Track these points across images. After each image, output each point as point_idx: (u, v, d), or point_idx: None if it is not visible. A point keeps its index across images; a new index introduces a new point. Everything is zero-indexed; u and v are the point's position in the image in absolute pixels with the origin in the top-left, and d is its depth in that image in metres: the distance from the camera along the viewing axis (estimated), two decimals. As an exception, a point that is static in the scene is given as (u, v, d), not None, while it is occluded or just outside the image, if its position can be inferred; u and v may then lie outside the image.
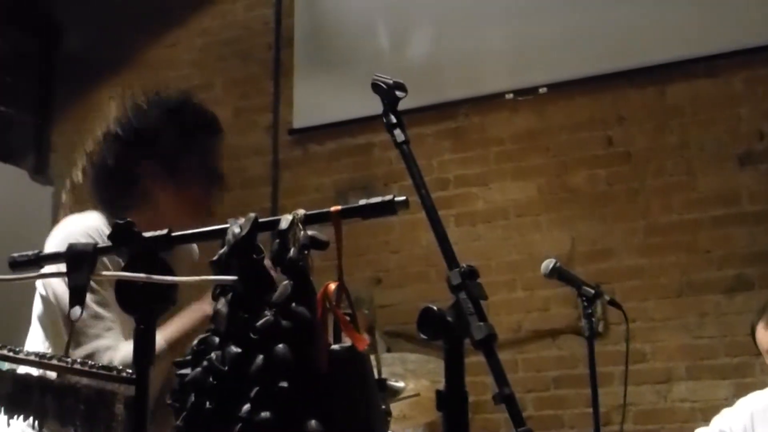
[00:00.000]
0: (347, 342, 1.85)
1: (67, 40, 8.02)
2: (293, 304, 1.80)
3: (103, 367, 1.91)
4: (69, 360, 1.89)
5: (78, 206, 2.88)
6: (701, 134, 5.88)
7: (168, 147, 2.74)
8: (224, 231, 1.92)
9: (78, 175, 2.87)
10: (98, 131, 2.86)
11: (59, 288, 2.68)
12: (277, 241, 1.85)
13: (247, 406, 1.76)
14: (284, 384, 1.75)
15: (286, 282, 1.82)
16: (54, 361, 1.88)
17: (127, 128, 2.78)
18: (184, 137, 2.76)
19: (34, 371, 1.88)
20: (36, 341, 2.82)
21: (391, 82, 2.09)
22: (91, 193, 2.88)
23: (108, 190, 2.80)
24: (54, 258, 2.09)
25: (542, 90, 6.28)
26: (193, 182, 2.78)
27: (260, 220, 1.90)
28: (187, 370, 1.86)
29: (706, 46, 5.93)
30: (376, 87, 2.10)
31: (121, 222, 1.94)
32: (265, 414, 1.74)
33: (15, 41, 7.84)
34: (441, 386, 1.81)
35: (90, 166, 2.83)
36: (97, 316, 2.65)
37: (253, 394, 1.76)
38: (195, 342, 1.89)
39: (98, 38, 7.88)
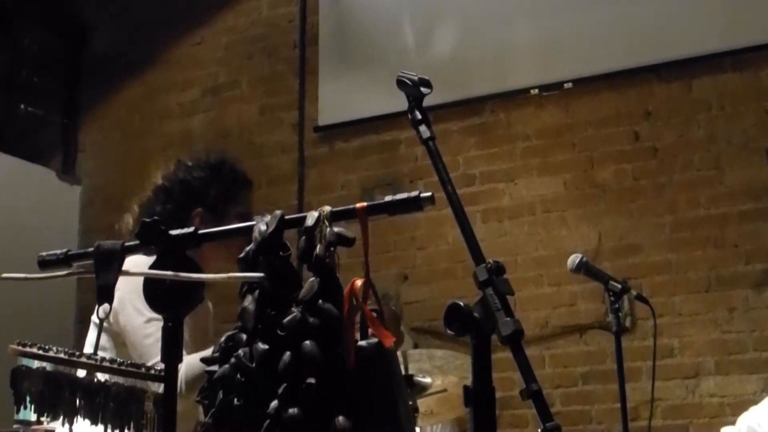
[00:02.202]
0: (374, 338, 1.85)
1: (93, 40, 8.06)
2: (320, 301, 1.80)
3: (132, 365, 1.92)
4: (98, 358, 1.90)
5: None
6: (728, 128, 5.85)
7: (214, 197, 3.20)
8: (251, 228, 1.92)
9: (129, 223, 3.21)
10: (148, 187, 3.26)
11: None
12: (304, 238, 1.86)
13: (275, 403, 1.76)
14: (312, 380, 1.75)
15: (312, 279, 1.82)
16: (83, 359, 1.89)
17: (180, 182, 3.23)
18: (226, 189, 3.23)
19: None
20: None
21: (416, 78, 2.09)
22: None
23: None
24: (82, 257, 2.10)
25: (568, 85, 6.26)
26: (233, 222, 3.04)
27: (286, 217, 1.91)
28: (215, 367, 1.87)
29: (732, 40, 5.90)
30: (401, 83, 2.10)
31: (148, 220, 1.96)
32: (293, 410, 1.74)
33: (42, 42, 7.89)
34: (468, 382, 1.81)
35: (148, 214, 3.10)
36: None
37: (280, 390, 1.76)
38: (223, 339, 1.89)
39: (124, 38, 7.92)
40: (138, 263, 2.02)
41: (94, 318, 3.03)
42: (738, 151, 5.80)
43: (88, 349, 2.97)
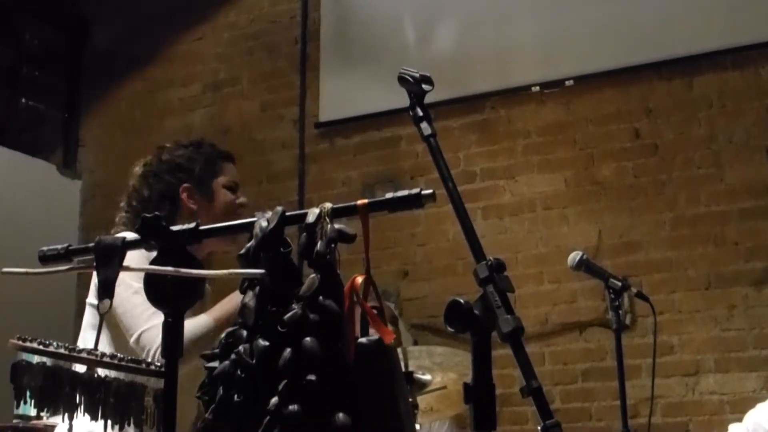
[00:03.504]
0: (374, 335, 1.85)
1: (95, 35, 8.07)
2: (321, 298, 1.80)
3: (133, 360, 1.92)
4: (98, 353, 1.90)
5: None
6: (729, 126, 5.85)
7: (199, 170, 3.32)
8: (252, 224, 1.92)
9: (123, 209, 3.31)
10: (136, 172, 3.37)
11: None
12: (305, 234, 1.86)
13: (275, 399, 1.76)
14: (312, 377, 1.75)
15: (313, 275, 1.82)
16: (84, 355, 1.89)
17: (165, 162, 3.35)
18: (210, 162, 3.36)
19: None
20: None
21: (417, 75, 2.09)
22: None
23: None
24: (83, 252, 2.10)
25: (569, 82, 6.26)
26: (221, 193, 3.33)
27: (287, 213, 1.91)
28: (215, 364, 1.87)
29: (733, 38, 5.90)
30: (402, 80, 2.10)
31: (149, 216, 1.96)
32: (293, 407, 1.75)
33: (44, 37, 7.90)
34: (468, 379, 1.81)
35: (136, 199, 3.28)
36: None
37: (281, 387, 1.76)
38: (223, 335, 1.90)
39: (126, 34, 7.92)
40: (133, 257, 2.01)
41: (90, 300, 3.06)
42: (738, 149, 5.81)
43: (84, 331, 3.07)
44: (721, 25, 5.95)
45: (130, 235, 2.01)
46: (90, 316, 3.09)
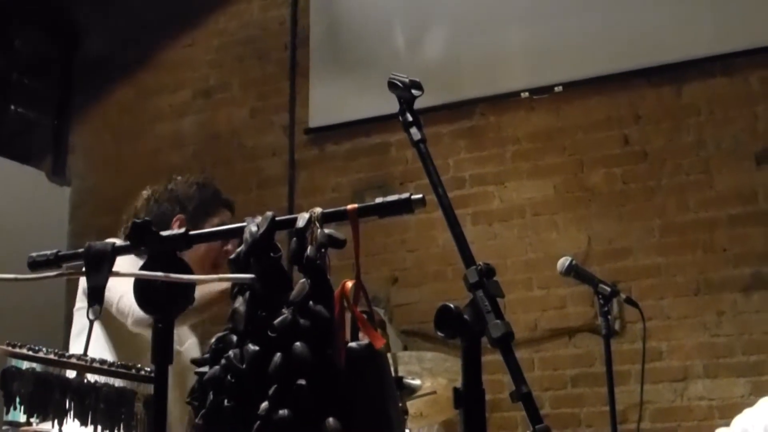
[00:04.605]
0: (364, 340, 1.86)
1: (85, 42, 8.05)
2: (311, 303, 1.81)
3: (123, 366, 1.93)
4: (88, 359, 1.91)
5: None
6: (718, 133, 5.87)
7: (195, 207, 3.47)
8: (242, 230, 1.93)
9: (122, 230, 3.40)
10: (143, 195, 3.52)
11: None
12: (295, 239, 1.86)
13: (265, 404, 1.77)
14: (302, 382, 1.76)
15: (303, 280, 1.83)
16: (73, 360, 1.89)
17: (168, 191, 3.51)
18: (208, 202, 3.52)
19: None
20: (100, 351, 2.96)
21: (407, 80, 2.09)
22: None
23: None
24: (72, 258, 2.11)
25: (558, 89, 6.27)
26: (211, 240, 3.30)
27: (277, 218, 1.91)
28: (205, 369, 1.88)
29: (722, 45, 5.91)
30: (392, 86, 2.10)
31: (138, 221, 1.96)
32: (283, 412, 1.75)
33: (35, 44, 7.88)
34: (458, 384, 1.82)
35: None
36: None
37: (271, 392, 1.77)
38: (213, 340, 1.90)
39: (116, 41, 7.91)
40: (121, 264, 2.02)
41: (78, 305, 3.08)
42: (727, 156, 5.82)
43: (78, 336, 3.12)
44: (710, 33, 5.96)
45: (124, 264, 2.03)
46: (79, 322, 3.11)
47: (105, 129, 7.83)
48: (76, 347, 3.05)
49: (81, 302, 3.14)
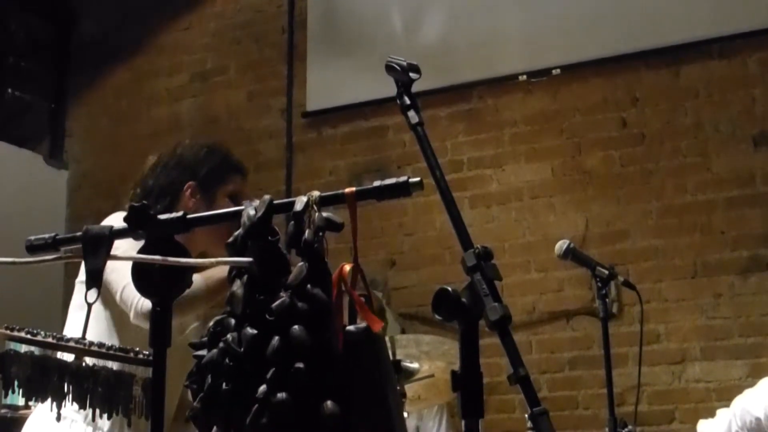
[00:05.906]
0: (362, 323, 1.86)
1: (82, 25, 8.03)
2: (309, 286, 1.81)
3: (121, 349, 1.93)
4: (86, 342, 1.90)
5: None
6: (715, 115, 5.87)
7: (206, 173, 3.28)
8: (239, 213, 1.93)
9: (129, 197, 3.27)
10: (149, 161, 3.35)
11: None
12: (292, 222, 1.86)
13: (263, 388, 1.76)
14: (300, 365, 1.76)
15: (301, 264, 1.82)
16: (72, 344, 1.89)
17: (177, 156, 3.33)
18: (219, 168, 3.32)
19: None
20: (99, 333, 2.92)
21: (405, 63, 2.09)
22: None
23: (155, 205, 3.15)
24: (70, 241, 2.10)
25: (556, 71, 6.27)
26: (222, 201, 3.25)
27: (275, 201, 1.91)
28: (203, 352, 1.88)
29: (720, 28, 5.91)
30: (390, 69, 2.10)
31: (136, 204, 1.96)
32: (281, 395, 1.75)
33: (31, 27, 7.86)
34: (456, 367, 1.82)
35: (141, 187, 3.26)
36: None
37: (269, 375, 1.77)
38: (211, 324, 1.90)
39: (113, 24, 7.89)
40: (118, 246, 2.01)
41: (80, 279, 3.05)
42: (725, 139, 5.82)
43: (74, 311, 3.06)
44: (708, 15, 5.95)
45: (118, 222, 2.01)
46: (79, 296, 3.07)
47: (102, 112, 7.82)
48: (74, 319, 3.02)
49: (83, 275, 3.09)
